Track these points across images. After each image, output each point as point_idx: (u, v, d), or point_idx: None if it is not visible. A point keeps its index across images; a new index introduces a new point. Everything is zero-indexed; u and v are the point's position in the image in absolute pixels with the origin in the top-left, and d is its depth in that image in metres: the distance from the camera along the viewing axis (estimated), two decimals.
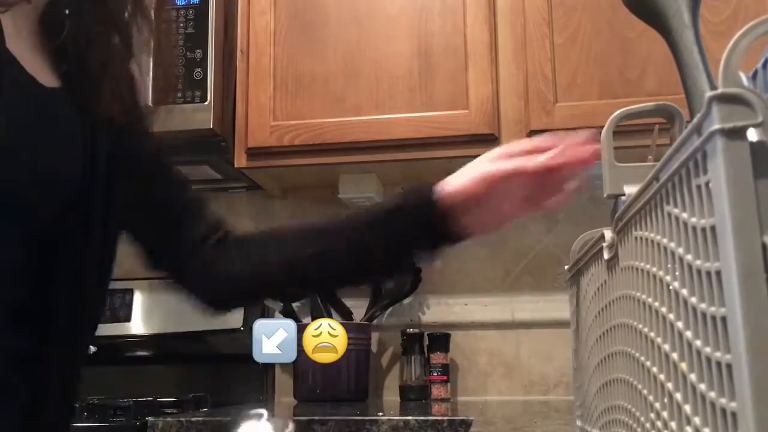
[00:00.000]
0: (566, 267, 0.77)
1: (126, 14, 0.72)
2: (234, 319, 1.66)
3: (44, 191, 0.66)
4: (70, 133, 0.68)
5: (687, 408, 0.38)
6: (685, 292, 0.38)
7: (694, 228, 0.36)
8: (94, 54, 0.70)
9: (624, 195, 0.54)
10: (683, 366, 0.39)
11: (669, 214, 0.41)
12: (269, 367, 1.70)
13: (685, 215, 0.38)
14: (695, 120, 0.34)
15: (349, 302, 1.67)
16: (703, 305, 0.35)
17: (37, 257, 0.66)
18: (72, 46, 0.69)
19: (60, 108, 0.68)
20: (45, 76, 0.67)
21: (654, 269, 0.44)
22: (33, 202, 0.65)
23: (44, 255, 0.67)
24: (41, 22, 0.69)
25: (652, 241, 0.45)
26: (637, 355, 0.50)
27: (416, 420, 1.09)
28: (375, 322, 1.66)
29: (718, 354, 0.33)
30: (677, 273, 0.39)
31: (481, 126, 1.41)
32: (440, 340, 1.60)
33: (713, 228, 0.33)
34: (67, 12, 0.70)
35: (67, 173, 0.68)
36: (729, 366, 0.32)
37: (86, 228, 0.69)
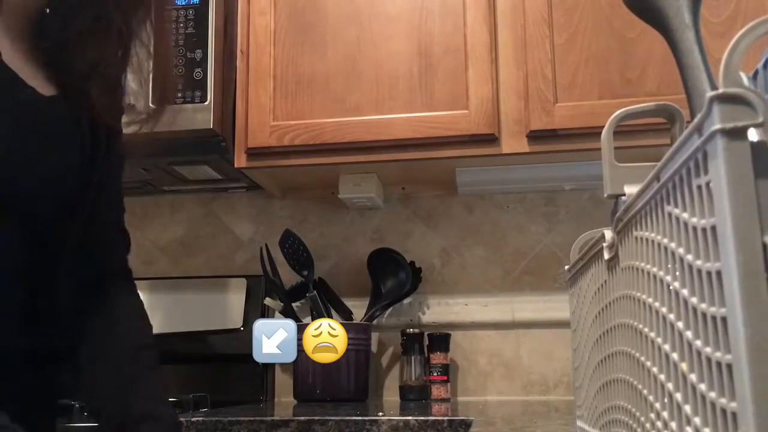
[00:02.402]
0: (566, 267, 0.77)
1: (118, 13, 0.70)
2: (234, 319, 1.66)
3: (45, 198, 0.67)
4: (68, 141, 0.69)
5: (687, 408, 0.38)
6: (685, 292, 0.38)
7: (694, 228, 0.36)
8: (83, 56, 0.69)
9: (624, 195, 0.54)
10: (683, 366, 0.39)
11: (669, 214, 0.41)
12: (269, 367, 1.70)
13: (685, 215, 0.38)
14: (696, 120, 0.34)
15: (349, 302, 1.67)
16: (703, 305, 0.35)
17: (37, 258, 0.67)
18: (60, 50, 0.69)
19: (59, 116, 0.68)
20: (43, 85, 0.67)
21: (654, 269, 0.44)
22: (34, 209, 0.66)
23: (43, 255, 0.67)
24: (35, 32, 0.69)
25: (653, 241, 0.45)
26: (637, 355, 0.50)
27: (416, 420, 1.09)
28: (375, 322, 1.65)
29: (718, 354, 0.33)
30: (677, 273, 0.39)
31: (481, 126, 1.41)
32: (440, 340, 1.60)
33: (713, 228, 0.33)
34: (49, 13, 0.70)
35: (65, 180, 0.69)
36: (729, 366, 0.32)
37: (73, 225, 0.70)
